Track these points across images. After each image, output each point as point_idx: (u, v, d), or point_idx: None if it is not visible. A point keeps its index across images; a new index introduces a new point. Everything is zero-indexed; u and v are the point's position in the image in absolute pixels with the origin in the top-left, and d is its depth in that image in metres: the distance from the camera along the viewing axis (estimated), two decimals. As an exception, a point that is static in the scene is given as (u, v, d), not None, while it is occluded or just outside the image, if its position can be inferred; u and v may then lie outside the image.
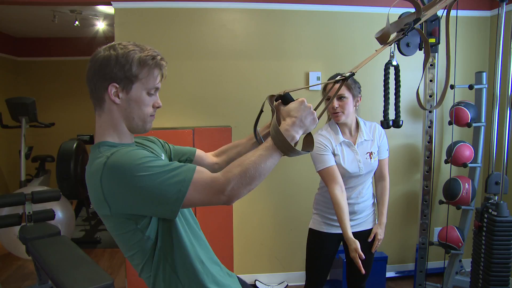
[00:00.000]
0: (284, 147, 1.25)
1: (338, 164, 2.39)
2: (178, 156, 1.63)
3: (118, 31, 3.49)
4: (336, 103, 2.33)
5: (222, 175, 1.22)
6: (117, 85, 1.28)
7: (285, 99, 1.36)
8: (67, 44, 7.21)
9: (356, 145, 2.41)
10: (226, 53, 3.62)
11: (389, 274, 3.88)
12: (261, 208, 3.75)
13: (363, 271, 2.20)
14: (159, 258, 1.34)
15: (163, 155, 1.53)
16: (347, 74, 1.37)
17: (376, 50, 1.46)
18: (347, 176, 2.42)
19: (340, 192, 2.33)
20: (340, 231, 2.43)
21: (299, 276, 2.60)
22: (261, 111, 1.45)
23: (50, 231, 3.31)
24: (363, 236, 2.49)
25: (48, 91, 7.26)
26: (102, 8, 5.18)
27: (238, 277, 1.61)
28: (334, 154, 2.39)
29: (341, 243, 2.59)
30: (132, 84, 1.29)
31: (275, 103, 1.39)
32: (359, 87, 2.44)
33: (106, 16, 5.66)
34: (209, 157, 1.71)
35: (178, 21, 3.55)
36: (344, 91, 2.32)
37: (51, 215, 3.63)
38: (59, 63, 7.31)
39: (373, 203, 2.60)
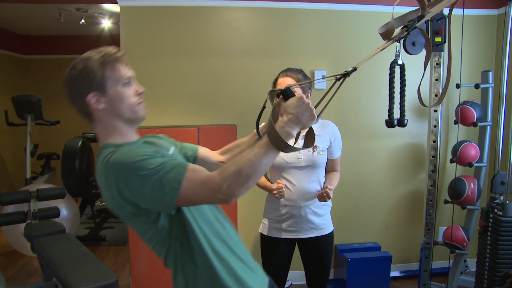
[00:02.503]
0: (279, 144, 1.23)
1: None
2: (183, 151, 1.64)
3: (124, 29, 3.50)
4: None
5: (218, 174, 1.22)
6: (95, 92, 1.34)
7: (286, 94, 1.34)
8: (73, 42, 7.22)
9: (300, 136, 2.40)
10: (231, 52, 3.62)
11: (394, 273, 3.87)
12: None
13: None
14: (177, 247, 1.36)
15: (172, 148, 1.54)
16: (350, 69, 1.36)
17: (377, 48, 1.45)
18: (285, 167, 2.40)
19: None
20: (293, 236, 2.45)
21: (303, 275, 2.60)
22: (263, 107, 1.44)
23: (55, 229, 3.32)
24: (316, 242, 2.48)
25: (53, 89, 7.26)
26: (108, 6, 5.18)
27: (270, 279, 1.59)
28: None
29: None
30: (105, 86, 1.34)
31: (276, 99, 1.38)
32: (310, 82, 2.47)
33: (112, 14, 5.67)
34: (215, 155, 1.71)
35: (183, 19, 3.55)
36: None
37: (56, 212, 3.64)
38: (65, 61, 7.20)
39: (327, 206, 2.53)
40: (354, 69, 1.37)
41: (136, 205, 1.28)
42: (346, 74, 1.37)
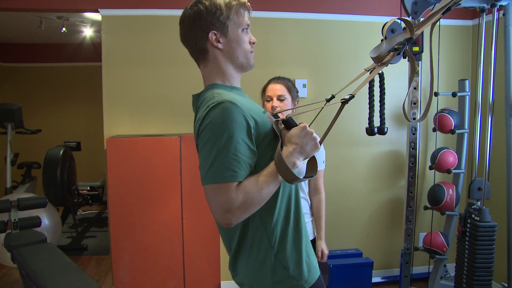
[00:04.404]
0: (287, 176, 1.25)
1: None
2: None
3: (105, 38, 3.50)
4: (276, 103, 2.36)
5: (235, 195, 1.22)
6: (216, 31, 1.38)
7: (288, 124, 1.37)
8: (54, 50, 7.18)
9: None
10: (213, 61, 3.64)
11: (375, 279, 3.91)
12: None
13: None
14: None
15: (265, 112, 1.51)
16: (347, 97, 1.40)
17: (365, 69, 1.49)
18: None
19: None
20: None
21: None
22: None
23: (36, 238, 3.29)
24: None
25: (34, 97, 7.22)
26: (90, 15, 5.18)
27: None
28: None
29: None
30: (227, 26, 1.39)
31: (281, 126, 1.40)
32: (297, 92, 2.50)
33: (94, 23, 5.66)
34: None
35: (165, 29, 3.56)
36: (284, 92, 2.38)
37: (37, 222, 3.60)
38: (45, 69, 7.28)
39: (309, 215, 2.56)
40: (352, 96, 1.41)
41: None
42: (344, 102, 1.40)
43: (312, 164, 1.42)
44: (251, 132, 1.27)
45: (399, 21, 2.56)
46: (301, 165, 1.36)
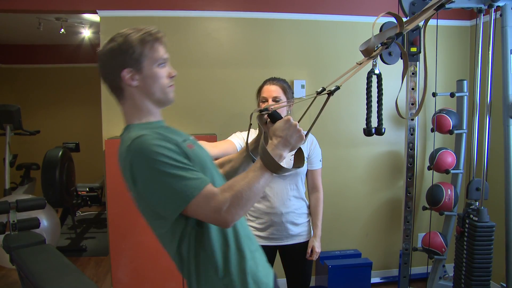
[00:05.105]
0: (273, 167, 1.27)
1: None
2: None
3: (104, 39, 3.47)
4: (271, 104, 2.36)
5: (220, 194, 1.23)
6: (130, 69, 1.35)
7: (273, 117, 1.39)
8: (52, 51, 7.18)
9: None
10: (211, 62, 3.65)
11: (374, 280, 3.92)
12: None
13: None
14: (192, 236, 1.34)
15: (192, 137, 1.54)
16: (333, 88, 1.40)
17: (357, 63, 1.50)
18: None
19: None
20: (274, 243, 2.48)
21: (284, 283, 2.62)
22: (250, 124, 1.48)
23: (35, 240, 3.28)
24: (296, 249, 2.52)
25: (33, 99, 7.21)
26: (88, 16, 5.18)
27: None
28: None
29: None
30: (141, 63, 1.35)
31: (266, 119, 1.41)
32: (293, 93, 2.51)
33: (92, 24, 5.66)
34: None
35: (163, 30, 3.49)
36: (279, 93, 2.37)
37: (36, 223, 3.60)
38: (44, 71, 7.28)
39: (306, 215, 2.57)
40: (338, 88, 1.41)
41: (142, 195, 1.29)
42: (330, 93, 1.40)
43: (299, 155, 1.44)
44: (177, 151, 1.28)
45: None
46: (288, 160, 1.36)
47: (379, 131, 1.49)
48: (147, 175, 1.23)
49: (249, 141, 1.62)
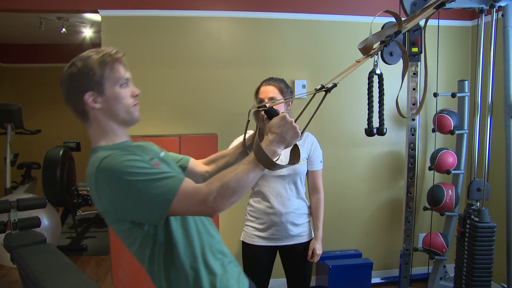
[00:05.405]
0: (266, 162, 1.28)
1: None
2: (176, 159, 1.67)
3: (105, 38, 3.50)
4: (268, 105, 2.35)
5: (205, 186, 1.25)
6: (92, 92, 1.35)
7: (269, 113, 1.39)
8: (53, 51, 7.18)
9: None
10: (212, 61, 3.65)
11: (375, 280, 3.91)
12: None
13: None
14: (160, 253, 1.37)
15: (162, 152, 1.56)
16: (330, 85, 1.39)
17: (356, 61, 1.49)
18: (267, 175, 2.43)
19: None
20: (274, 244, 2.48)
21: (284, 283, 2.62)
22: (248, 121, 1.48)
23: (35, 239, 3.28)
24: (296, 250, 2.51)
25: (34, 98, 7.21)
26: (89, 16, 5.18)
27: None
28: None
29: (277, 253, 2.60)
30: (103, 85, 1.35)
31: (263, 115, 1.42)
32: (291, 92, 2.50)
33: (93, 23, 5.66)
34: (200, 165, 1.73)
35: (164, 30, 3.57)
36: (276, 94, 2.36)
37: (36, 222, 3.60)
38: (45, 70, 7.27)
39: (307, 215, 2.57)
40: (335, 85, 1.40)
41: (118, 215, 1.30)
42: (327, 91, 1.40)
43: (295, 152, 1.44)
44: (146, 161, 1.30)
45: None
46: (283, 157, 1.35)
47: (380, 131, 1.49)
48: (124, 189, 1.24)
49: (246, 138, 1.62)
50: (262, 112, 1.43)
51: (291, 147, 1.41)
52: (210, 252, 1.44)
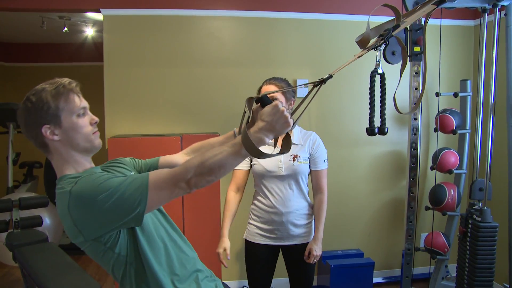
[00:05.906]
0: (251, 149, 1.25)
1: (258, 163, 2.44)
2: (146, 168, 1.71)
3: (107, 38, 3.51)
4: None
5: (180, 166, 1.26)
6: (48, 125, 1.35)
7: (263, 101, 1.37)
8: (56, 50, 7.17)
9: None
10: (214, 61, 3.65)
11: (376, 279, 3.91)
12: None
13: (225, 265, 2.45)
14: (132, 273, 1.40)
15: (132, 172, 1.59)
16: (325, 77, 1.39)
17: (354, 55, 1.49)
18: (266, 175, 2.44)
19: (233, 192, 2.53)
20: (276, 243, 2.49)
21: (287, 282, 2.62)
22: (244, 112, 1.47)
23: (37, 238, 3.29)
24: (298, 250, 2.51)
25: (36, 97, 7.21)
26: (91, 15, 5.18)
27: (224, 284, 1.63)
28: None
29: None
30: (59, 117, 1.36)
31: (255, 105, 1.40)
32: (293, 91, 2.48)
33: (95, 23, 5.66)
34: (179, 156, 1.76)
35: (166, 29, 3.57)
36: (277, 93, 2.33)
37: (38, 221, 3.60)
38: (47, 69, 7.27)
39: (310, 215, 2.56)
40: (330, 76, 1.39)
41: (98, 233, 1.30)
42: (322, 81, 1.39)
43: (286, 142, 1.42)
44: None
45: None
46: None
47: (382, 131, 1.48)
48: (101, 201, 1.24)
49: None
50: (255, 99, 1.41)
51: (283, 136, 1.39)
52: (182, 269, 1.47)
